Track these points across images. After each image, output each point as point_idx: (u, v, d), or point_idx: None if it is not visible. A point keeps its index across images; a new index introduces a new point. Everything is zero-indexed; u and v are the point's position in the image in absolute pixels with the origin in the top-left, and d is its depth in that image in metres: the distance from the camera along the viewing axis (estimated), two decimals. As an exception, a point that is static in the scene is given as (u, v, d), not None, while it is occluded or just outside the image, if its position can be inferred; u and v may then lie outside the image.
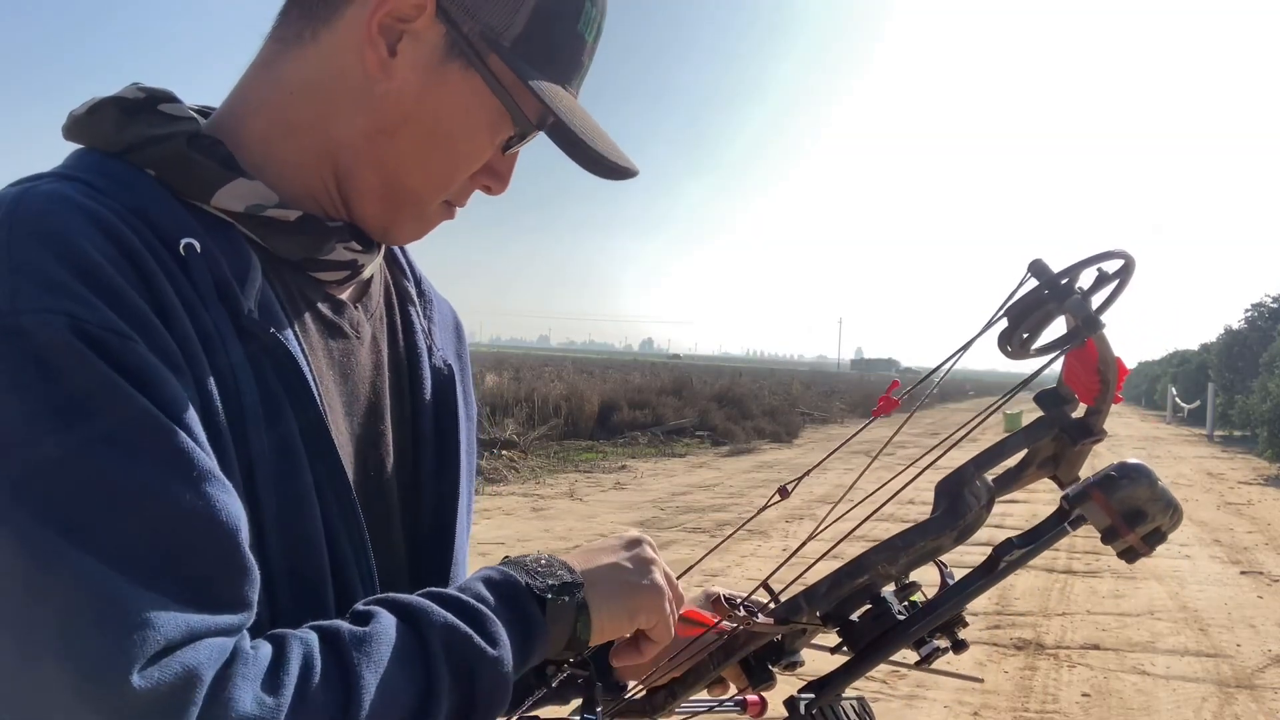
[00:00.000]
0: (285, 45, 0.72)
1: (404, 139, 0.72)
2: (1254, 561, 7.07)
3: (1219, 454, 17.13)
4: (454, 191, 0.76)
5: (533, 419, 13.61)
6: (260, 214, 0.69)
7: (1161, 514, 0.81)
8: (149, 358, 0.56)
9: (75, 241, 0.57)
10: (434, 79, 0.70)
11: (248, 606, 0.57)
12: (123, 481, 0.53)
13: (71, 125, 0.69)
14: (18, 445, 0.52)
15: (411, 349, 0.83)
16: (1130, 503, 0.80)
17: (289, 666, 0.56)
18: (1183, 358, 34.42)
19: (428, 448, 0.82)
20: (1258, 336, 22.34)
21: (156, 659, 0.50)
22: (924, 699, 4.03)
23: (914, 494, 0.87)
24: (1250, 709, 4.02)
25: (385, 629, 0.61)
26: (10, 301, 0.54)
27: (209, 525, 0.55)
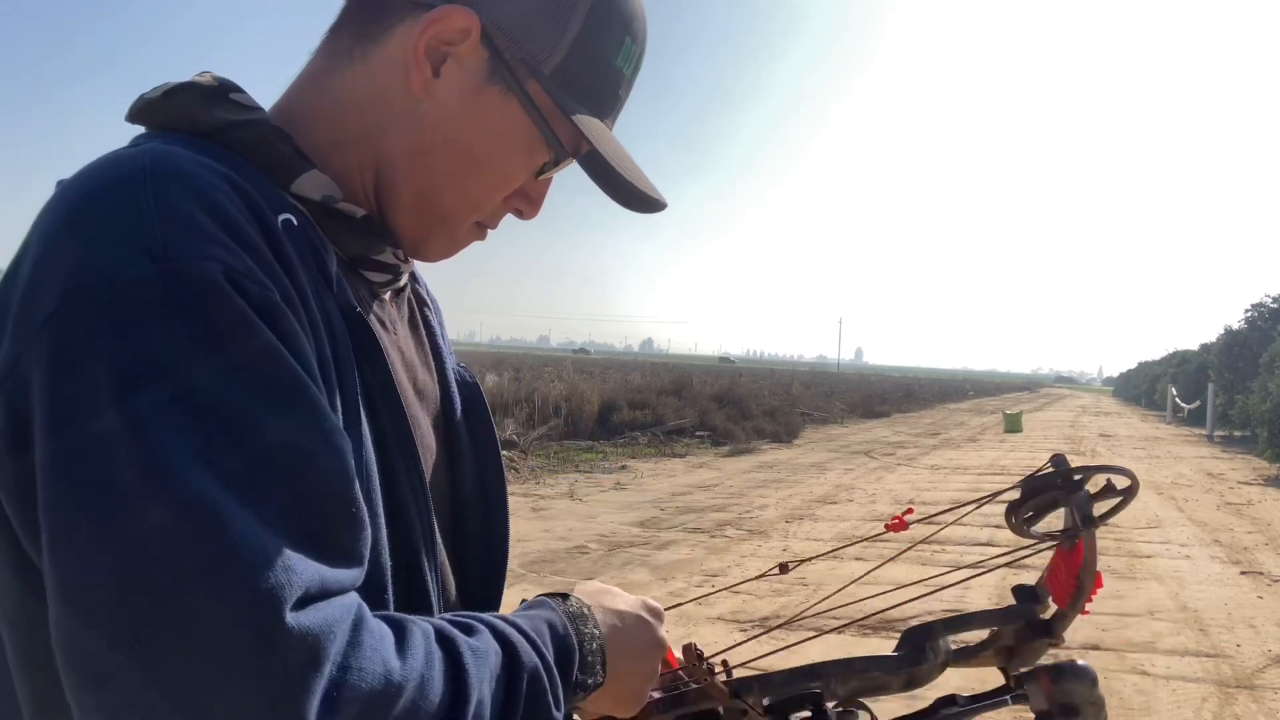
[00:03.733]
0: (336, 61, 0.74)
1: (442, 159, 0.74)
2: (1254, 561, 7.07)
3: (1219, 454, 17.13)
4: (486, 213, 0.78)
5: (533, 419, 13.61)
6: (332, 205, 0.71)
7: (1092, 716, 0.90)
8: (283, 307, 0.58)
9: (214, 195, 0.59)
10: (474, 102, 0.72)
11: (363, 561, 0.58)
12: (262, 427, 0.53)
13: (144, 108, 0.70)
14: (171, 376, 0.52)
15: (436, 351, 0.86)
16: (1070, 696, 0.90)
17: (413, 646, 0.57)
18: (1183, 358, 34.42)
19: (465, 459, 0.84)
20: (1258, 336, 22.34)
21: (301, 604, 0.50)
22: (924, 699, 4.02)
23: (914, 494, 0.87)
24: (1250, 709, 4.02)
25: (490, 648, 0.63)
26: (165, 249, 0.55)
27: (337, 476, 0.56)
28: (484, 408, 0.88)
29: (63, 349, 0.53)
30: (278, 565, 0.50)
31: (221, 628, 0.48)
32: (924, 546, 7.13)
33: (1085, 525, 0.89)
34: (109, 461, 0.50)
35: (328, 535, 0.55)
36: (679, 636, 1.57)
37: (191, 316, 0.54)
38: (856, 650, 4.77)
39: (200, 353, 0.53)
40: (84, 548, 0.50)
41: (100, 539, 0.49)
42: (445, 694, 0.58)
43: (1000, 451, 15.87)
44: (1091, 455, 15.72)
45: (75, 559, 0.50)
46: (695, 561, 6.51)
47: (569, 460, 11.78)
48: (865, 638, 4.87)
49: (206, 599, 0.49)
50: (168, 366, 0.52)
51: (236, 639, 0.48)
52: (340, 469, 0.56)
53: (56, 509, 0.51)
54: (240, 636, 0.48)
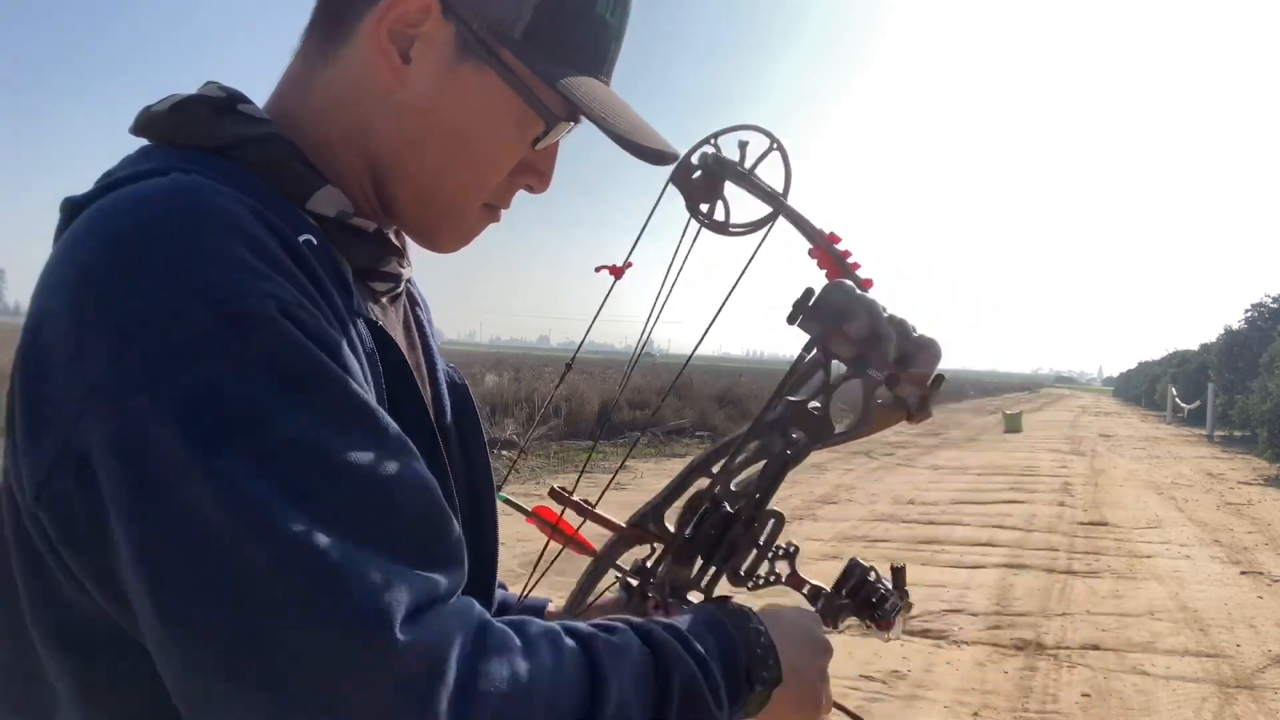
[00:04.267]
0: (311, 63, 0.73)
1: (430, 147, 0.71)
2: (1254, 561, 7.07)
3: (1219, 454, 17.13)
4: (494, 193, 0.76)
5: (532, 419, 13.60)
6: (346, 221, 0.70)
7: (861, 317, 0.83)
8: (333, 332, 0.59)
9: (250, 228, 0.58)
10: (450, 82, 0.69)
11: (463, 563, 0.58)
12: (343, 456, 0.54)
13: (152, 121, 0.68)
14: (250, 427, 0.52)
15: (428, 351, 0.85)
16: (835, 307, 0.83)
17: (539, 647, 0.57)
18: (1183, 358, 34.40)
19: (455, 463, 0.84)
20: (1258, 336, 22.32)
21: (413, 617, 0.51)
22: (923, 699, 4.03)
23: (913, 494, 0.87)
24: (1250, 709, 4.02)
25: (633, 647, 0.63)
26: (217, 291, 0.54)
27: (420, 488, 0.57)
28: (473, 411, 0.86)
29: (128, 408, 0.52)
30: (381, 585, 0.51)
31: (339, 655, 0.49)
32: (924, 547, 7.13)
33: (777, 200, 0.92)
34: (200, 517, 0.50)
35: (426, 546, 0.55)
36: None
37: (257, 358, 0.53)
38: (858, 652, 4.75)
39: (273, 393, 0.53)
40: (197, 605, 0.50)
41: (211, 594, 0.50)
42: (581, 693, 0.58)
43: (1000, 451, 15.86)
44: (1092, 455, 15.72)
45: (189, 617, 0.50)
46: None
47: (569, 460, 11.77)
48: (865, 637, 4.87)
49: (321, 630, 0.50)
50: (243, 413, 0.52)
51: (355, 662, 0.49)
52: (421, 480, 0.57)
53: (158, 572, 0.51)
54: (358, 659, 0.49)
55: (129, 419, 0.51)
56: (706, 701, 0.65)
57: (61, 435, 0.53)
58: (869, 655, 4.57)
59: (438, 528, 0.57)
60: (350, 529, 0.52)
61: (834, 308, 0.83)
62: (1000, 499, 9.63)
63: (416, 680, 0.50)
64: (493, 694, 0.53)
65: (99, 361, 0.53)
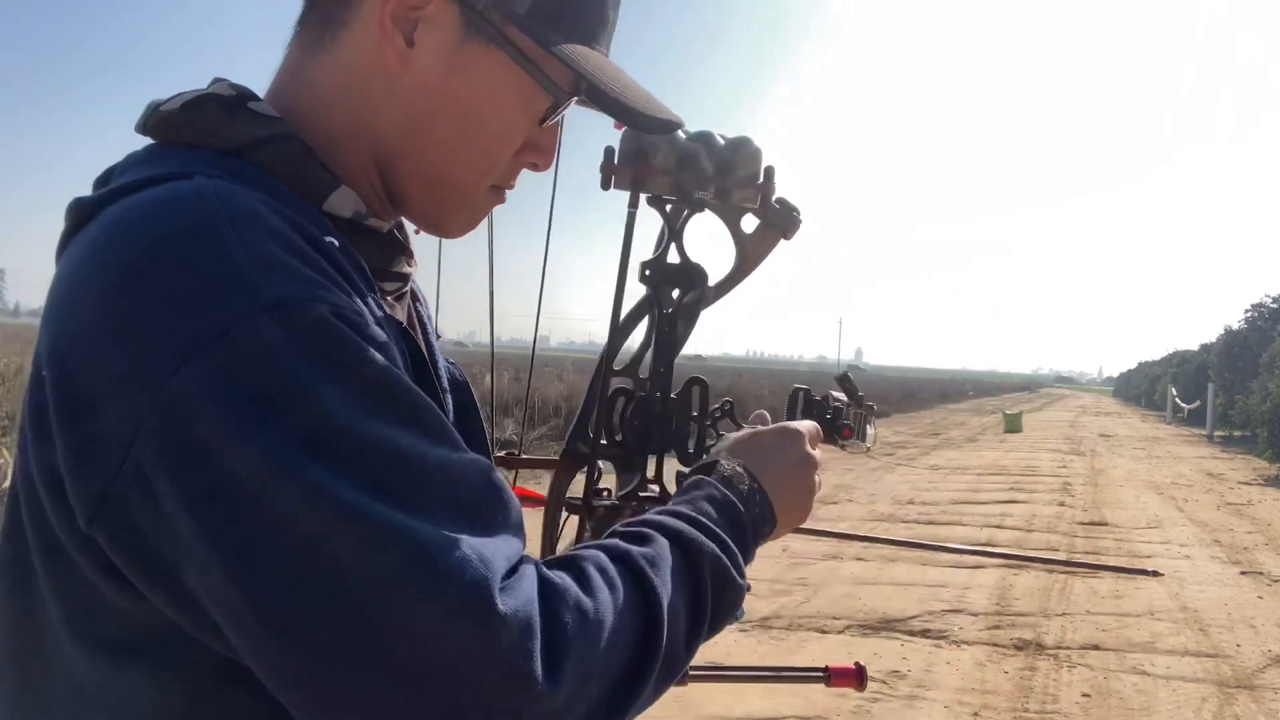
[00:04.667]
0: (309, 53, 0.71)
1: (438, 129, 0.70)
2: (1254, 562, 7.07)
3: (1219, 454, 17.13)
4: (499, 174, 0.75)
5: (532, 419, 13.59)
6: (361, 222, 0.70)
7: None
8: (377, 329, 0.60)
9: (288, 233, 0.58)
10: (456, 62, 0.69)
11: (523, 528, 0.61)
12: (409, 445, 0.56)
13: (162, 120, 0.67)
14: (324, 429, 0.53)
15: (429, 347, 0.85)
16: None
17: (595, 582, 0.61)
18: (1183, 358, 34.41)
19: None
20: (1258, 337, 22.33)
21: (504, 585, 0.54)
22: (923, 699, 4.03)
23: (913, 494, 0.87)
24: (1250, 709, 4.02)
25: (665, 552, 0.67)
26: (272, 296, 0.54)
27: (476, 467, 0.59)
28: (475, 408, 0.86)
29: (194, 415, 0.51)
30: (474, 558, 0.53)
31: (448, 629, 0.52)
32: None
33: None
34: (289, 516, 0.51)
35: (493, 519, 0.58)
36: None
37: (319, 358, 0.54)
38: (857, 652, 4.74)
39: (342, 396, 0.54)
40: (299, 601, 0.51)
41: (313, 588, 0.51)
42: (641, 611, 0.62)
43: (1000, 451, 15.86)
44: (1092, 455, 15.72)
45: (294, 614, 0.51)
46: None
47: (569, 460, 11.77)
48: (865, 637, 4.87)
49: (424, 607, 0.51)
50: (315, 417, 0.53)
51: (465, 635, 0.52)
52: (474, 461, 0.59)
53: (253, 574, 0.51)
54: (467, 632, 0.52)
55: (201, 429, 0.51)
56: (731, 575, 0.71)
57: (118, 453, 0.53)
58: (869, 655, 4.57)
59: (498, 500, 0.59)
60: (433, 509, 0.54)
61: (632, 151, 0.84)
62: (1000, 499, 9.63)
63: (520, 644, 0.53)
64: (571, 640, 0.56)
65: (159, 372, 0.52)
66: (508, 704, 0.53)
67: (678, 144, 0.84)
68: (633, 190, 0.84)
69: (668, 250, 0.89)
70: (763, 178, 0.88)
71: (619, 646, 0.60)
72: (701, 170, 0.84)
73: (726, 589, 0.70)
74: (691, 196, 0.85)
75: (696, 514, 0.73)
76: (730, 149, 0.86)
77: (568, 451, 0.91)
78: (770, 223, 0.91)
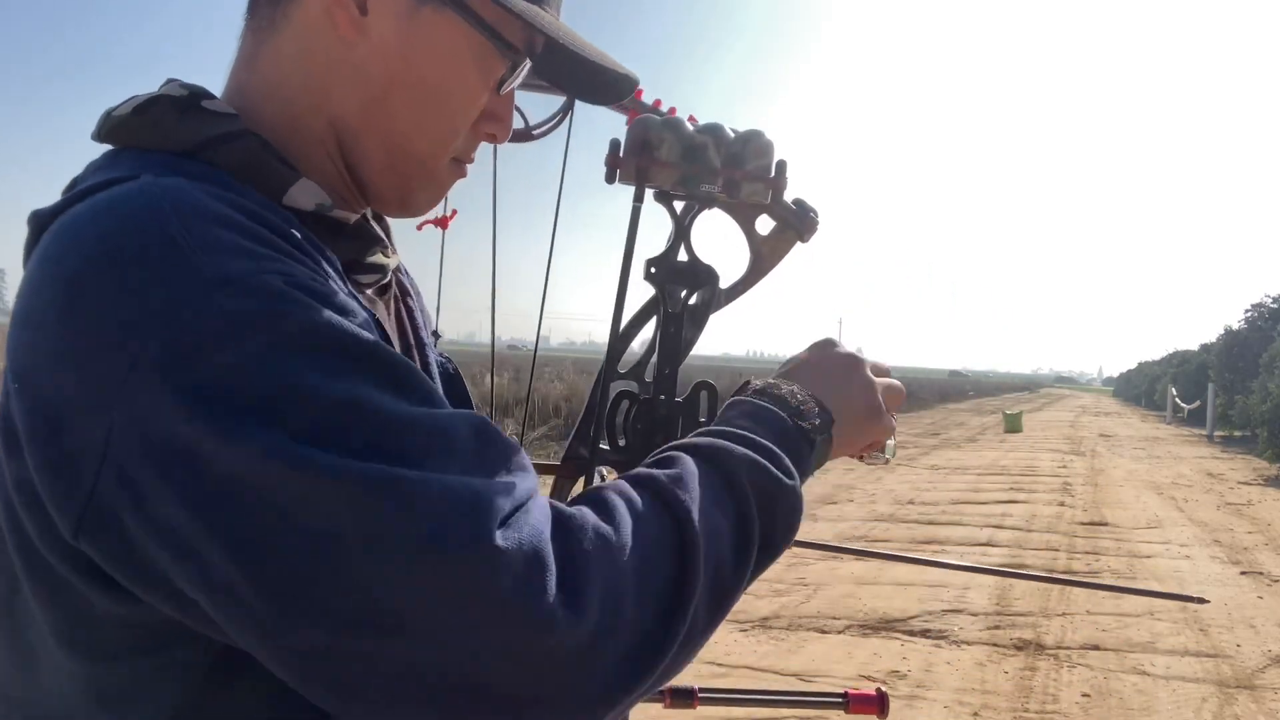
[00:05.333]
0: (261, 35, 0.70)
1: (397, 101, 0.69)
2: (1254, 562, 7.07)
3: (1219, 454, 17.13)
4: (460, 146, 0.74)
5: (532, 419, 13.59)
6: (326, 214, 0.68)
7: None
8: (343, 297, 0.59)
9: (236, 218, 0.57)
10: (411, 28, 0.67)
11: (531, 469, 0.60)
12: (403, 407, 0.55)
13: (116, 125, 0.66)
14: (296, 404, 0.52)
15: (420, 344, 0.84)
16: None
17: (615, 507, 0.59)
18: (1183, 358, 34.40)
19: None
20: (1258, 337, 22.32)
21: (505, 522, 0.53)
22: (923, 699, 4.03)
23: (913, 494, 0.86)
24: (1250, 709, 4.02)
25: (691, 469, 0.64)
26: (220, 275, 0.53)
27: (467, 422, 0.58)
28: (469, 404, 0.85)
29: (158, 407, 0.51)
30: (465, 502, 0.52)
31: (444, 578, 0.51)
32: (924, 547, 7.13)
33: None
34: (274, 491, 0.50)
35: (486, 463, 0.56)
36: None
37: (285, 334, 0.53)
38: (857, 652, 4.72)
39: (307, 362, 0.53)
40: (290, 571, 0.50)
41: (303, 558, 0.50)
42: (669, 528, 0.60)
43: (1000, 451, 15.86)
44: (1092, 455, 15.71)
45: (289, 589, 0.50)
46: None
47: (569, 460, 11.76)
48: (865, 637, 4.87)
49: (419, 558, 0.50)
50: (283, 387, 0.52)
51: (462, 581, 0.51)
52: (460, 413, 0.58)
53: (250, 559, 0.50)
54: (463, 577, 0.51)
55: (167, 420, 0.51)
56: (777, 479, 0.67)
57: (94, 460, 0.52)
58: (868, 656, 4.57)
59: (497, 442, 0.58)
60: (416, 459, 0.53)
61: (639, 144, 0.81)
62: (1000, 499, 9.63)
63: (526, 580, 0.52)
64: (592, 567, 0.55)
65: (119, 363, 0.51)
66: (526, 643, 0.52)
67: (684, 135, 0.81)
68: (638, 183, 0.82)
69: (676, 248, 0.86)
70: (774, 172, 0.84)
71: (651, 568, 0.58)
72: (709, 163, 0.81)
73: (777, 496, 0.67)
74: (699, 190, 0.82)
75: (725, 426, 0.70)
76: (740, 141, 0.82)
77: (569, 457, 0.89)
78: (786, 223, 0.88)
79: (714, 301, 0.88)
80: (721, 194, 0.83)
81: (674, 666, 0.59)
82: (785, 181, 0.84)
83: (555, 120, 0.89)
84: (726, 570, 0.63)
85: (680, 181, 0.82)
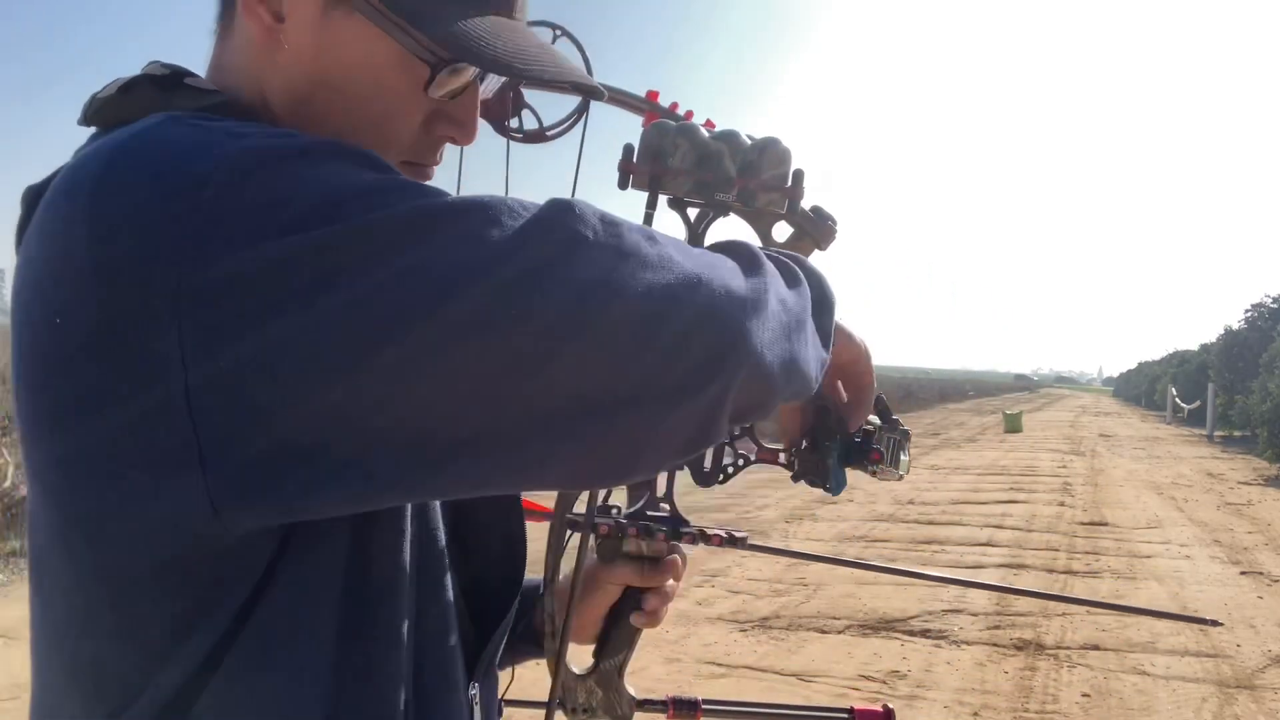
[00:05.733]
0: (220, 41, 0.72)
1: (320, 103, 0.69)
2: (1254, 561, 7.07)
3: (1219, 454, 17.13)
4: (412, 150, 0.73)
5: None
6: None
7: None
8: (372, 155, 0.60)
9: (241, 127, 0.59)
10: (325, 34, 0.67)
11: None
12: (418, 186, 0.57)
13: (101, 107, 0.67)
14: (341, 194, 0.54)
15: None
16: None
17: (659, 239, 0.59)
18: (1183, 358, 34.42)
19: None
20: (1258, 337, 22.33)
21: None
22: (923, 699, 4.03)
23: (913, 494, 0.86)
24: (1250, 709, 4.02)
25: (759, 253, 0.65)
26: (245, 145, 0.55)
27: None
28: None
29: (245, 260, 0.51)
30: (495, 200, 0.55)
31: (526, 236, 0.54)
32: (924, 547, 7.13)
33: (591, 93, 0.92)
34: (361, 273, 0.51)
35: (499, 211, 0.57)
36: (679, 636, 1.59)
37: (319, 159, 0.55)
38: (857, 652, 4.73)
39: (334, 164, 0.55)
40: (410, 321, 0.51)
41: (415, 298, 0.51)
42: (728, 262, 0.61)
43: (1000, 451, 15.87)
44: (1092, 455, 15.72)
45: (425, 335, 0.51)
46: (696, 561, 6.50)
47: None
48: (865, 637, 4.87)
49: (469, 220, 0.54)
50: (326, 189, 0.54)
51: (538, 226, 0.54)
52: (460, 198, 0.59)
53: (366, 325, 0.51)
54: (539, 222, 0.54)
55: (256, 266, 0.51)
56: (831, 307, 0.70)
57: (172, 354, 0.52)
58: (869, 656, 4.57)
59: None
60: (432, 192, 0.56)
61: (652, 150, 0.80)
62: (1000, 499, 9.63)
63: (561, 213, 0.55)
64: (631, 232, 0.57)
65: (160, 253, 0.52)
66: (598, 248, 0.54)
67: (699, 142, 0.80)
68: (651, 190, 0.81)
69: None
70: (791, 181, 0.82)
71: (723, 265, 0.60)
72: (724, 171, 0.80)
73: (798, 268, 0.69)
74: (713, 198, 0.81)
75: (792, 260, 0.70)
76: (756, 149, 0.81)
77: None
78: (803, 232, 0.87)
79: None
80: (736, 202, 0.82)
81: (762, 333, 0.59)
82: (802, 191, 0.83)
83: (570, 121, 0.88)
84: (791, 315, 0.63)
85: (694, 189, 0.81)
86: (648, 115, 0.92)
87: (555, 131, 0.90)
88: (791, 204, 0.83)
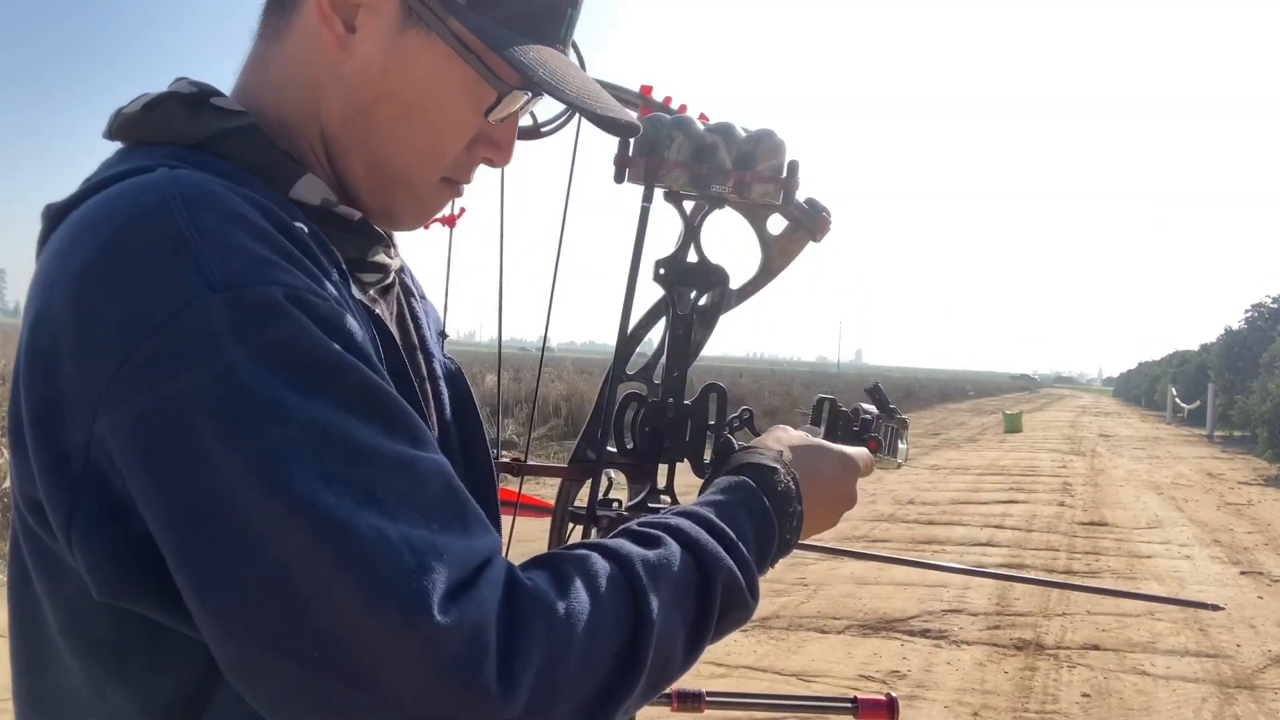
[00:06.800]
0: (268, 43, 0.72)
1: (379, 117, 0.70)
2: (1254, 562, 7.07)
3: (1219, 454, 17.13)
4: (451, 168, 0.74)
5: (532, 419, 13.57)
6: (331, 209, 0.69)
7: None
8: (344, 313, 0.59)
9: (248, 214, 0.58)
10: (396, 50, 0.68)
11: (492, 530, 0.59)
12: (368, 440, 0.54)
13: (126, 123, 0.67)
14: (271, 414, 0.52)
15: (423, 344, 0.84)
16: None
17: (575, 590, 0.58)
18: (1183, 358, 34.42)
19: (456, 460, 0.82)
20: (1258, 337, 22.32)
21: (453, 594, 0.52)
22: (924, 699, 4.03)
23: (913, 494, 0.86)
24: (1250, 709, 4.03)
25: (675, 560, 0.64)
26: (222, 278, 0.54)
27: (445, 471, 0.58)
28: (473, 405, 0.84)
29: (147, 403, 0.52)
30: (415, 563, 0.51)
31: (384, 638, 0.50)
32: (924, 547, 7.13)
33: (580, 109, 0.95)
34: (230, 500, 0.51)
35: (456, 515, 0.56)
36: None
37: (273, 346, 0.54)
38: (857, 652, 4.73)
39: (291, 381, 0.53)
40: (235, 585, 0.51)
41: (251, 575, 0.51)
42: (627, 622, 0.59)
43: (1000, 451, 15.87)
44: (1092, 455, 15.72)
45: (229, 598, 0.51)
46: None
47: (569, 460, 11.75)
48: (865, 637, 4.87)
49: (363, 614, 0.51)
50: (263, 402, 0.52)
51: (400, 645, 0.50)
52: (434, 459, 0.58)
53: (195, 556, 0.52)
54: (402, 641, 0.50)
55: (149, 414, 0.52)
56: (744, 596, 0.68)
57: (80, 442, 0.54)
58: (869, 655, 4.57)
59: (463, 500, 0.58)
60: (384, 502, 0.53)
61: (648, 143, 0.80)
62: (1000, 499, 9.63)
63: (464, 655, 0.51)
64: (534, 650, 0.54)
65: (111, 360, 0.53)
66: (454, 714, 0.52)
67: (694, 135, 0.79)
68: (646, 184, 0.80)
69: (686, 249, 0.85)
70: (786, 172, 0.82)
71: (596, 660, 0.57)
72: (719, 163, 0.80)
73: (735, 609, 0.68)
74: (709, 191, 0.81)
75: (726, 524, 0.70)
76: (751, 141, 0.81)
77: (576, 459, 0.88)
78: (798, 223, 0.87)
79: (724, 302, 0.87)
80: (732, 194, 0.82)
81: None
82: (797, 182, 0.83)
83: (564, 118, 0.89)
84: (672, 667, 0.64)
85: (690, 182, 0.81)
86: (642, 109, 0.92)
87: (549, 129, 0.91)
88: (787, 195, 0.83)
